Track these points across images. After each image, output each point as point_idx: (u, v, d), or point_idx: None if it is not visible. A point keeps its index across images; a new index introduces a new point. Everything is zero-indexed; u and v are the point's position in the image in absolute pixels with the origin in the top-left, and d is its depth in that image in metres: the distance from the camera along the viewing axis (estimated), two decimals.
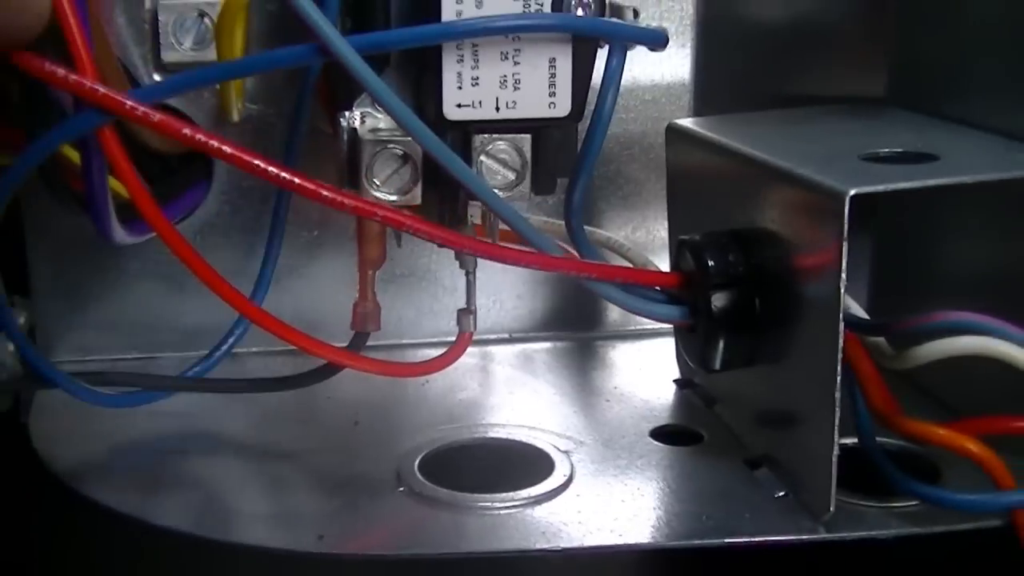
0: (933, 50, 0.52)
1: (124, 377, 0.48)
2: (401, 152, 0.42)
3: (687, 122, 0.51)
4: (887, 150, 0.43)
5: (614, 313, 0.58)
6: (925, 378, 0.48)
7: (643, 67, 0.55)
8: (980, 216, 0.48)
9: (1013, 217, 0.45)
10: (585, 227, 0.46)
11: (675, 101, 0.56)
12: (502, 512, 0.43)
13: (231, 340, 0.49)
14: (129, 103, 0.37)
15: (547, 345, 0.58)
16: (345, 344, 0.46)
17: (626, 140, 0.56)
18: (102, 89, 0.37)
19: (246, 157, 0.39)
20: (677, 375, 0.54)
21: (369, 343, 0.47)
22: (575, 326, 0.58)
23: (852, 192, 0.38)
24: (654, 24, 0.52)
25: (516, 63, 0.41)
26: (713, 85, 0.56)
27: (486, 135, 0.42)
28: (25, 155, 0.39)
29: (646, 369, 0.55)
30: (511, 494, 0.44)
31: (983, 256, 0.49)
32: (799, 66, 0.56)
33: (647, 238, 0.57)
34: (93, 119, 0.38)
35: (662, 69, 0.55)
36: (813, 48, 0.56)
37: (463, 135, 0.42)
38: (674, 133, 0.51)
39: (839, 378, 0.39)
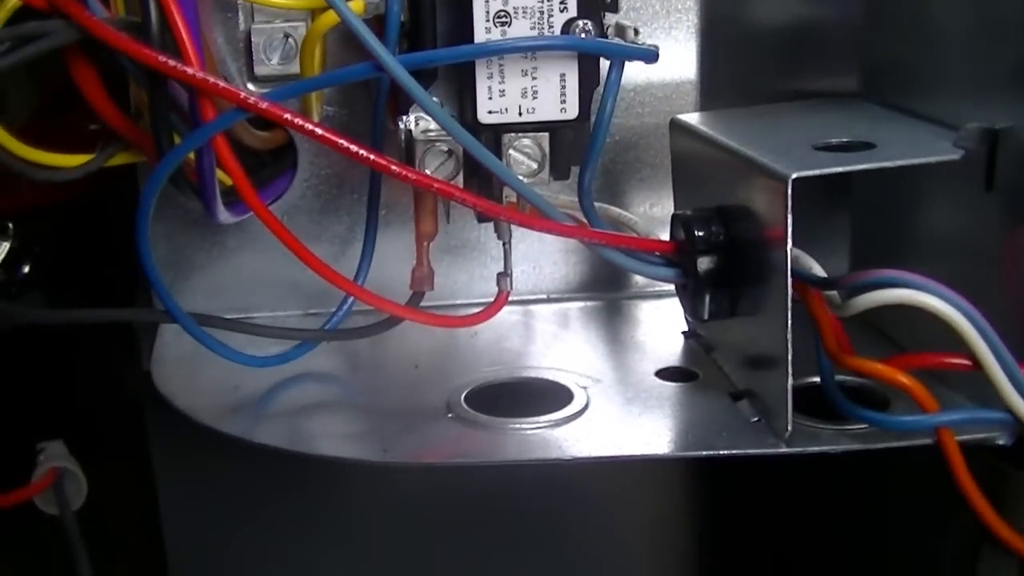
0: (894, 54, 0.59)
1: (269, 330, 0.58)
2: (446, 148, 0.52)
3: (687, 117, 0.60)
4: (836, 140, 0.51)
5: (638, 277, 0.65)
6: (881, 324, 0.57)
7: (656, 70, 0.62)
8: (942, 192, 0.54)
9: (966, 193, 0.51)
10: (600, 204, 0.55)
11: (683, 97, 0.63)
12: (528, 432, 0.52)
13: (350, 301, 0.58)
14: (265, 104, 0.48)
15: (580, 304, 0.65)
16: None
17: (643, 131, 0.63)
18: (243, 94, 0.48)
19: (334, 137, 0.48)
20: (685, 328, 0.62)
21: (429, 303, 0.58)
22: (605, 288, 0.66)
23: (793, 175, 0.47)
24: (662, 34, 0.62)
25: (534, 78, 0.51)
26: (715, 83, 0.63)
27: (513, 134, 0.52)
28: (182, 145, 0.50)
29: (660, 324, 0.62)
30: (536, 418, 0.52)
31: (945, 227, 0.55)
32: (789, 65, 0.63)
33: (662, 213, 0.63)
34: (236, 116, 0.49)
35: (672, 71, 0.63)
36: (801, 50, 0.63)
37: (494, 134, 0.52)
38: (676, 126, 0.60)
39: (790, 325, 0.48)
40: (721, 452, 0.50)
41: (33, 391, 0.71)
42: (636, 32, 0.52)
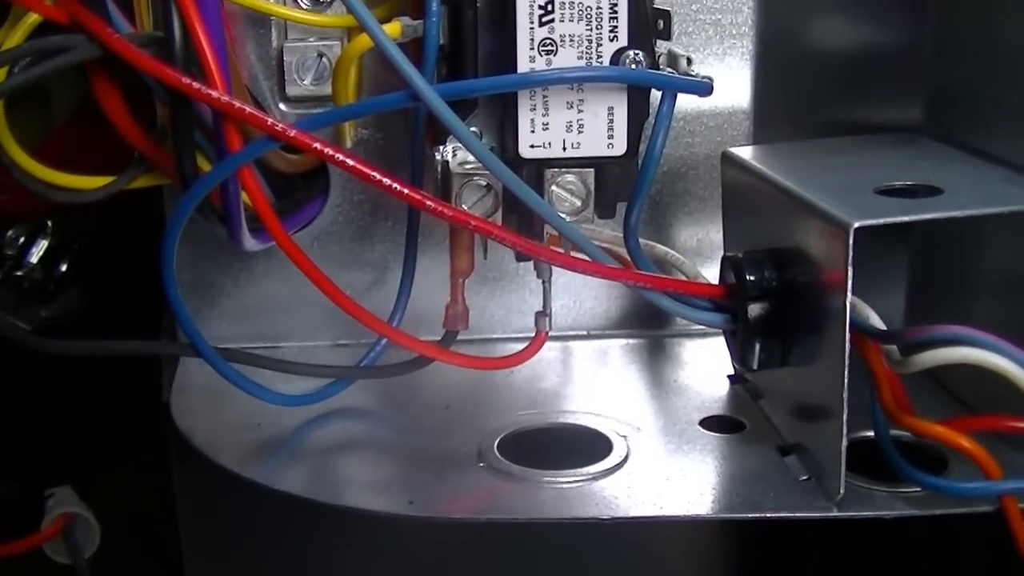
0: (962, 84, 0.56)
1: (301, 367, 0.56)
2: (485, 183, 0.49)
3: (739, 151, 0.57)
4: (900, 183, 0.49)
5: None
6: (947, 380, 0.54)
7: (708, 98, 0.57)
8: (1010, 236, 0.52)
9: None
10: (647, 242, 0.53)
11: (736, 127, 0.60)
12: (565, 486, 0.49)
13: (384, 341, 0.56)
14: (294, 132, 0.46)
15: (621, 342, 0.63)
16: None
17: (692, 162, 0.61)
18: (271, 121, 0.46)
19: (366, 169, 0.46)
20: (731, 371, 0.59)
21: (465, 337, 0.55)
22: (646, 325, 0.63)
23: (856, 225, 0.44)
24: (715, 61, 0.59)
25: (580, 111, 0.48)
26: (770, 113, 0.60)
27: (556, 169, 0.49)
28: (208, 176, 0.48)
29: (705, 365, 0.60)
30: (573, 471, 0.50)
31: (1012, 272, 0.53)
32: (846, 96, 0.61)
33: (709, 248, 0.61)
34: (265, 145, 0.47)
35: (725, 99, 0.60)
36: (859, 80, 0.60)
37: (536, 169, 0.49)
38: (728, 160, 0.57)
39: (846, 380, 0.45)
40: (768, 515, 0.47)
41: (48, 409, 0.70)
42: (689, 61, 0.49)
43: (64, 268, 0.65)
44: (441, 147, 0.50)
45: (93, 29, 0.46)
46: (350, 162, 0.46)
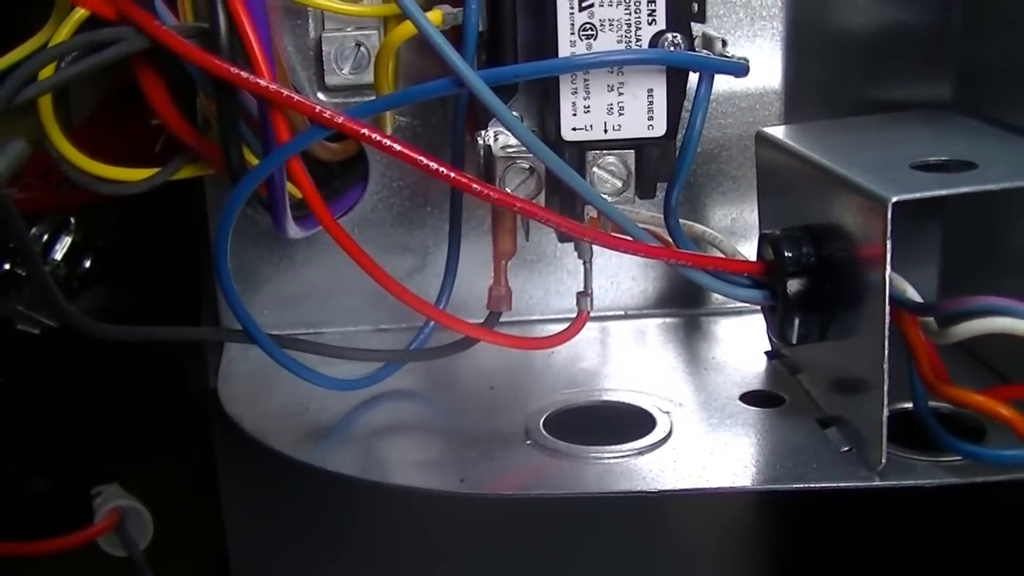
0: (992, 59, 0.57)
1: (353, 352, 0.56)
2: (528, 166, 0.50)
3: (773, 130, 0.57)
4: (935, 158, 0.49)
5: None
6: (982, 351, 0.55)
7: (740, 79, 0.56)
8: None
9: None
10: (685, 221, 0.54)
11: (768, 107, 0.61)
12: (611, 461, 0.50)
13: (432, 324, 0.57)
14: (341, 119, 0.46)
15: (658, 321, 0.64)
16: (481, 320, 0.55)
17: (725, 142, 0.61)
18: (319, 108, 0.47)
19: (413, 154, 0.47)
20: (768, 347, 0.59)
21: (504, 319, 0.56)
22: (683, 304, 0.64)
23: (894, 199, 0.45)
24: (746, 43, 0.60)
25: (620, 93, 0.49)
26: (800, 93, 0.61)
27: (597, 151, 0.50)
28: (258, 169, 0.48)
29: (742, 342, 0.61)
30: (619, 447, 0.51)
31: None
32: (876, 74, 0.61)
33: (744, 227, 0.62)
34: (314, 134, 0.48)
35: (756, 80, 0.61)
36: (889, 58, 0.61)
37: (578, 151, 0.50)
38: (762, 139, 0.57)
39: (887, 352, 0.46)
40: (811, 485, 0.48)
41: (81, 407, 0.71)
42: (724, 43, 0.50)
43: (88, 264, 0.66)
44: (482, 132, 0.51)
45: (141, 22, 0.47)
46: (397, 148, 0.47)
